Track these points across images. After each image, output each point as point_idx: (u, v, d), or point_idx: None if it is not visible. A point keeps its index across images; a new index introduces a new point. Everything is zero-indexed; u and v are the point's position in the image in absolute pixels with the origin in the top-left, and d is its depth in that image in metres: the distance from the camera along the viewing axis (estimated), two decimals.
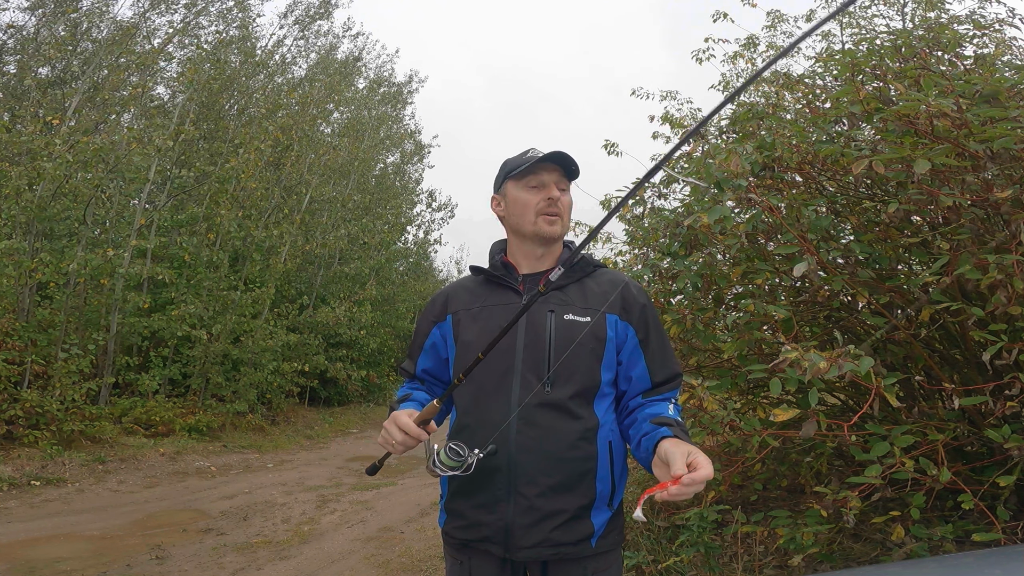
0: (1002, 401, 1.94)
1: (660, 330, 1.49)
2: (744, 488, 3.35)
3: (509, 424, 1.33)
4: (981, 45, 3.14)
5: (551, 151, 1.45)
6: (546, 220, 1.44)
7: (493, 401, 1.37)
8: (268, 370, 10.21)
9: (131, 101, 9.19)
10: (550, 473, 1.32)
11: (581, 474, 1.34)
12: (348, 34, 16.32)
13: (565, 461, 1.33)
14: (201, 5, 10.75)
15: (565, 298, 1.42)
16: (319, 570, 4.04)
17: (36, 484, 5.84)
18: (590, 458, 1.35)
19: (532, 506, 1.32)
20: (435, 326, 1.53)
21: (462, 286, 1.57)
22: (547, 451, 1.33)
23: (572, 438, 1.34)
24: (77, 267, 7.24)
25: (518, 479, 1.32)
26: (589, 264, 1.51)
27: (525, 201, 1.45)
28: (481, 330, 1.42)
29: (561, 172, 1.46)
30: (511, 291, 1.46)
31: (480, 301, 1.48)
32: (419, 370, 1.58)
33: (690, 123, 4.55)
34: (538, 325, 1.39)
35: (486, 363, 1.35)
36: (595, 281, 1.48)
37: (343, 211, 13.25)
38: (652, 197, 3.73)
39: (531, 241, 1.48)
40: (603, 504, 1.37)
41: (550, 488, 1.32)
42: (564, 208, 1.46)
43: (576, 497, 1.34)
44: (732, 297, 3.03)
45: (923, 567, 1.38)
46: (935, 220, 2.52)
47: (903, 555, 2.23)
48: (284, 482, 6.77)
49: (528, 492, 1.32)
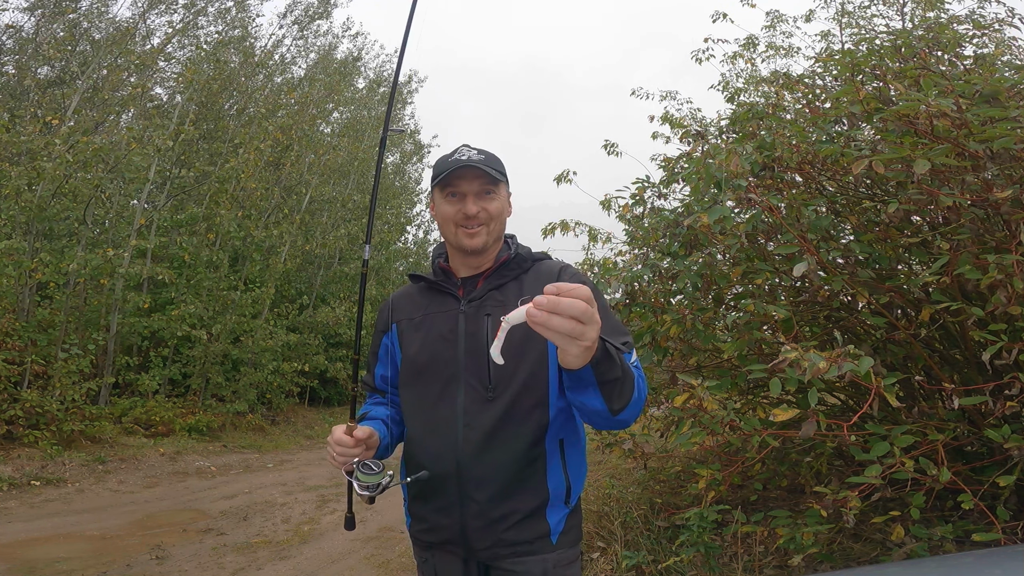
0: (1002, 401, 1.94)
1: (604, 306, 1.34)
2: (744, 488, 3.35)
3: (455, 432, 1.33)
4: (981, 45, 3.15)
5: (467, 158, 1.37)
6: (465, 234, 1.39)
7: (439, 411, 1.36)
8: (268, 370, 10.22)
9: (130, 101, 9.19)
10: (498, 477, 1.31)
11: (530, 475, 1.33)
12: (347, 34, 16.37)
13: (512, 464, 1.32)
14: (200, 5, 10.75)
15: (502, 298, 1.38)
16: (319, 570, 4.04)
17: (36, 484, 5.84)
18: (538, 459, 1.34)
19: (483, 510, 1.32)
20: (384, 335, 1.52)
21: (405, 294, 1.55)
22: (494, 457, 1.31)
23: (519, 443, 1.32)
24: (77, 267, 7.24)
25: (467, 484, 1.32)
26: (527, 260, 1.47)
27: (444, 213, 1.40)
28: (424, 340, 1.41)
29: (484, 179, 1.38)
30: (451, 297, 1.43)
31: (421, 310, 1.46)
32: (377, 378, 1.56)
33: (690, 123, 4.55)
34: (478, 333, 1.36)
35: (431, 373, 1.37)
36: (534, 275, 1.44)
37: (343, 211, 13.26)
38: (652, 197, 3.73)
39: (458, 251, 1.44)
40: (558, 502, 1.36)
41: (499, 492, 1.31)
42: (489, 217, 1.39)
43: (528, 498, 1.33)
44: (732, 297, 3.03)
45: (923, 567, 1.38)
46: (935, 220, 2.52)
47: (903, 555, 2.23)
48: (284, 482, 6.77)
49: (478, 497, 1.32)
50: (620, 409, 1.13)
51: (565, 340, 0.91)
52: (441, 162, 1.43)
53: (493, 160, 1.42)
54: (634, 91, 5.91)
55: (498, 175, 1.39)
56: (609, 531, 3.60)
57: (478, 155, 1.40)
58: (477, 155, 1.39)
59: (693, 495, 3.03)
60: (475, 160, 1.37)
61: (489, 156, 1.42)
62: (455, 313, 1.40)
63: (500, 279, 1.42)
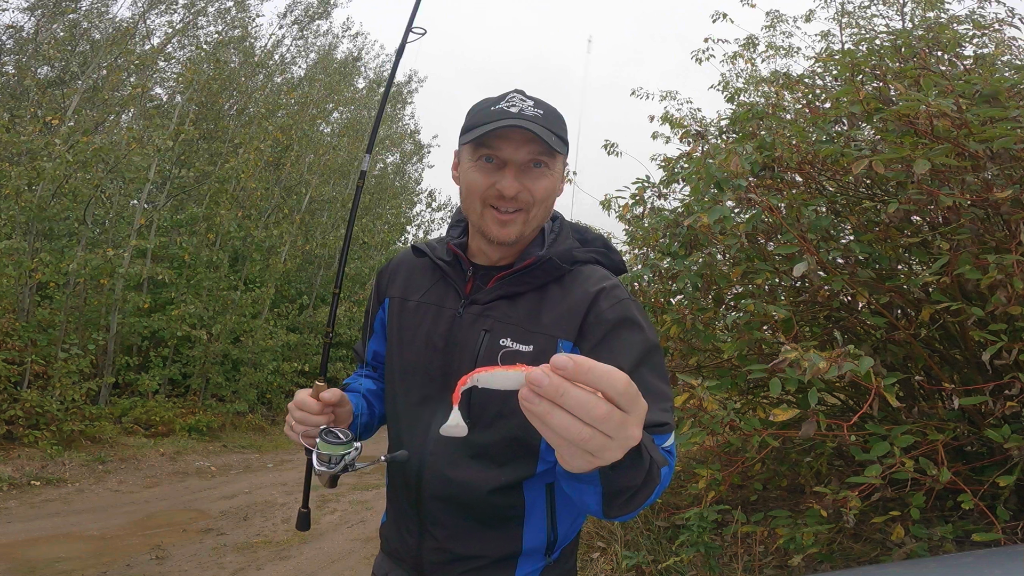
0: (1002, 401, 1.94)
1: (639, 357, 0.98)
2: (744, 488, 3.35)
3: (421, 457, 1.07)
4: (981, 45, 3.15)
5: (519, 110, 0.99)
6: (495, 218, 1.02)
7: (410, 432, 1.10)
8: (268, 370, 10.22)
9: (130, 101, 9.19)
10: (460, 521, 1.07)
11: (501, 524, 1.07)
12: (347, 34, 16.33)
13: (480, 509, 1.06)
14: (200, 5, 10.74)
15: (511, 313, 1.05)
16: (319, 570, 4.04)
17: (36, 484, 5.83)
18: (513, 507, 1.06)
19: (441, 547, 1.08)
20: (379, 307, 1.23)
21: (407, 264, 1.21)
22: (459, 500, 1.06)
23: (490, 489, 1.04)
24: (77, 267, 7.24)
25: (426, 517, 1.09)
26: (562, 265, 1.06)
27: (471, 183, 1.02)
28: (410, 338, 1.13)
29: (537, 146, 0.98)
30: (454, 291, 1.11)
31: (417, 294, 1.15)
32: (369, 353, 1.29)
33: (690, 123, 4.55)
34: (467, 348, 1.05)
35: (410, 379, 1.11)
36: (564, 288, 1.06)
37: (343, 211, 13.26)
38: (652, 197, 3.73)
39: (480, 235, 1.08)
40: (536, 554, 1.09)
41: (461, 532, 1.08)
42: (532, 201, 1.01)
43: (496, 545, 1.07)
44: (732, 297, 3.03)
45: (923, 567, 1.38)
46: (935, 220, 2.52)
47: (903, 555, 2.23)
48: (284, 482, 6.77)
49: (438, 534, 1.08)
50: (621, 516, 0.81)
51: (569, 449, 0.54)
52: (481, 110, 1.03)
53: (553, 118, 1.02)
54: (634, 91, 5.91)
55: (558, 143, 1.00)
56: (609, 531, 3.60)
57: (533, 109, 1.00)
58: (532, 108, 1.00)
59: (693, 495, 3.03)
60: (528, 116, 0.98)
61: (549, 112, 1.02)
62: (452, 314, 1.09)
63: (516, 286, 1.06)
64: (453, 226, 1.18)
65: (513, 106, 0.99)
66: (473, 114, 1.04)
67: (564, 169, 1.09)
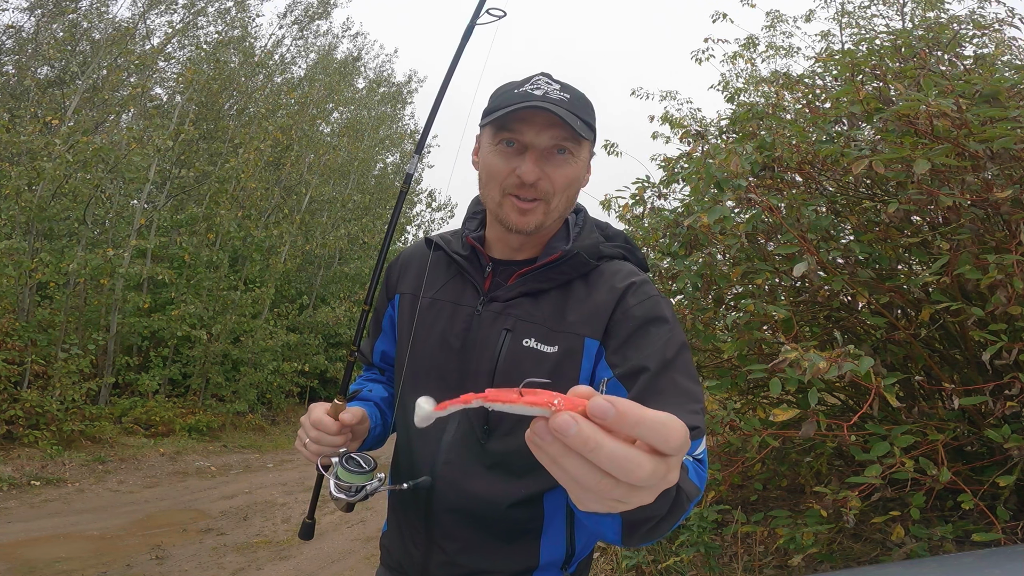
0: (1002, 401, 1.93)
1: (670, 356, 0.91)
2: (744, 488, 3.35)
3: (434, 466, 1.02)
4: (981, 45, 3.15)
5: (543, 93, 0.94)
6: (514, 207, 0.97)
7: (421, 439, 1.04)
8: (268, 370, 10.23)
9: (130, 101, 9.19)
10: (476, 532, 1.01)
11: (518, 537, 1.01)
12: (347, 34, 16.35)
13: (495, 524, 1.01)
14: (200, 5, 10.74)
15: (535, 312, 0.99)
16: (319, 570, 4.04)
17: (36, 484, 5.83)
18: (532, 520, 1.01)
19: (451, 561, 1.03)
20: (388, 304, 1.17)
21: (417, 258, 1.14)
22: (474, 514, 1.00)
23: (507, 501, 0.99)
24: (77, 267, 7.24)
25: (435, 531, 1.03)
26: (589, 260, 1.01)
27: (491, 168, 0.97)
28: (424, 337, 1.05)
29: (561, 130, 0.93)
30: (472, 287, 1.05)
31: (432, 290, 1.08)
32: (376, 353, 1.22)
33: (690, 123, 4.55)
34: (487, 348, 0.99)
35: (423, 384, 1.04)
36: (590, 285, 1.01)
37: (343, 211, 13.26)
38: (652, 197, 3.73)
39: (499, 224, 1.02)
40: (552, 568, 1.03)
41: (474, 546, 1.02)
42: (553, 190, 0.96)
43: (511, 560, 1.02)
44: (732, 297, 3.03)
45: (923, 567, 1.38)
46: (935, 220, 2.52)
47: (903, 555, 2.23)
48: (284, 482, 6.77)
49: (448, 548, 1.03)
50: (642, 543, 0.73)
51: (586, 495, 0.44)
52: (504, 92, 0.99)
53: (580, 103, 0.97)
54: (634, 91, 5.91)
55: (584, 128, 0.94)
56: None
57: (559, 92, 0.95)
58: (558, 92, 0.95)
59: None
60: (553, 99, 0.93)
61: (576, 96, 0.97)
62: (470, 312, 1.03)
63: (540, 282, 1.01)
64: (470, 218, 1.12)
65: (538, 88, 0.95)
66: (496, 96, 1.00)
67: (590, 157, 1.03)
